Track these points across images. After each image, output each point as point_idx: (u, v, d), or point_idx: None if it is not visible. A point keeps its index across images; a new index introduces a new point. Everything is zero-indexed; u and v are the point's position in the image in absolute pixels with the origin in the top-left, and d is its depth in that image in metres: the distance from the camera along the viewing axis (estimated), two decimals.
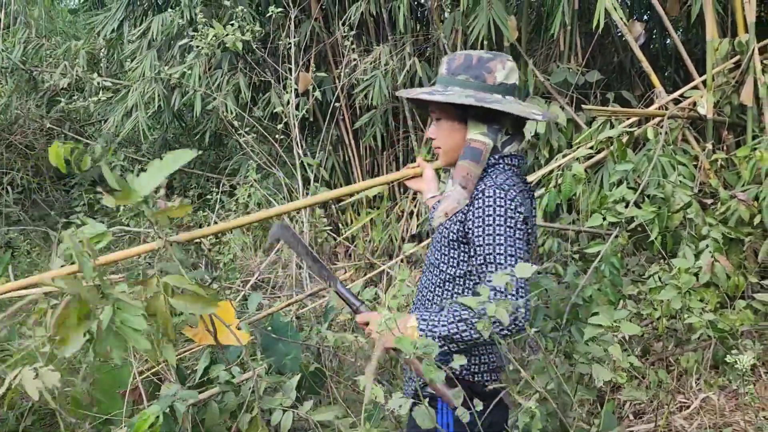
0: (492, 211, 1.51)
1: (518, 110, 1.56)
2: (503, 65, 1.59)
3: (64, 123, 6.52)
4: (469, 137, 1.59)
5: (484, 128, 1.58)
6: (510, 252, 1.49)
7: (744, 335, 2.50)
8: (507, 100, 1.58)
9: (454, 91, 1.58)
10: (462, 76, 1.59)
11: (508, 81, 1.60)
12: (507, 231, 1.50)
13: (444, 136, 1.65)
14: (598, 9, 3.16)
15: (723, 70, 3.12)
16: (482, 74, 1.58)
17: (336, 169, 5.16)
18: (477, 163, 1.57)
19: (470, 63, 1.59)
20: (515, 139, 1.65)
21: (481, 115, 1.58)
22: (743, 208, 2.67)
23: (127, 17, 5.25)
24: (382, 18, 4.60)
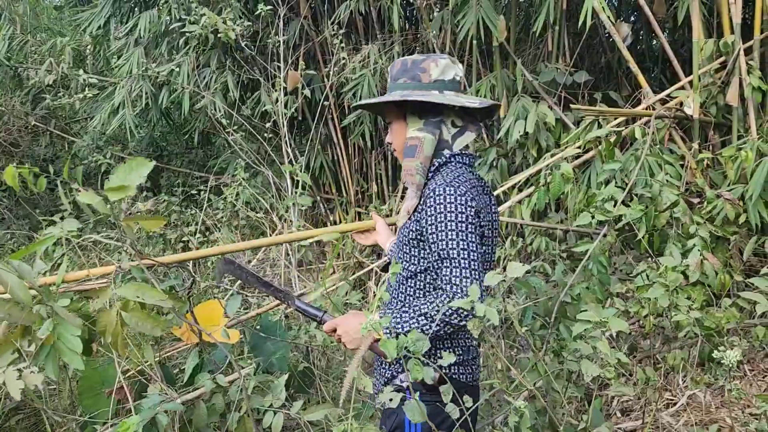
0: (443, 208, 1.57)
1: (445, 100, 1.62)
2: (436, 63, 1.67)
3: (50, 120, 6.46)
4: (408, 135, 1.69)
5: (420, 123, 1.67)
6: (462, 246, 1.54)
7: (730, 333, 2.53)
8: (444, 94, 1.66)
9: (393, 95, 1.68)
10: (401, 80, 1.69)
11: (446, 77, 1.68)
12: (458, 226, 1.56)
13: (394, 137, 1.75)
14: (584, 9, 3.18)
15: (709, 70, 3.15)
16: (417, 74, 1.68)
17: (324, 167, 5.15)
18: (412, 157, 1.66)
19: (406, 67, 1.70)
20: (466, 131, 1.72)
21: (416, 110, 1.68)
22: (729, 207, 2.70)
23: (113, 14, 5.20)
24: (371, 17, 4.59)
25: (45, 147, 6.70)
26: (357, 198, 5.18)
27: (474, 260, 1.53)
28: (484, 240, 1.65)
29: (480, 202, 1.62)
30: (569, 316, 2.19)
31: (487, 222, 1.67)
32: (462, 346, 1.71)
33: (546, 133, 3.73)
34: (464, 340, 1.71)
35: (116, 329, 1.46)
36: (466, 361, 1.72)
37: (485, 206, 1.66)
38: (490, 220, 1.69)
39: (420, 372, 1.40)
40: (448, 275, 1.53)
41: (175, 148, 7.00)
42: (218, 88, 4.59)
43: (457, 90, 1.70)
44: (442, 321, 1.51)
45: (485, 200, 1.69)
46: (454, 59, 1.71)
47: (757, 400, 2.34)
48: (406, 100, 1.67)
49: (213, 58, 4.66)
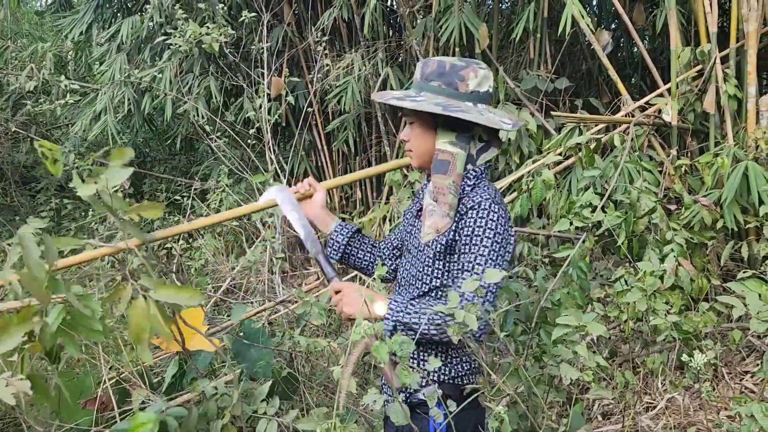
0: (484, 223, 1.53)
1: (485, 120, 1.56)
2: (476, 73, 1.59)
3: (30, 127, 6.39)
4: (438, 147, 1.60)
5: (452, 136, 1.59)
6: (490, 266, 1.50)
7: (707, 336, 2.57)
8: (478, 108, 1.59)
9: (425, 97, 1.59)
10: (435, 83, 1.60)
11: (481, 89, 1.60)
12: (494, 245, 1.52)
13: (416, 140, 1.66)
14: (564, 16, 3.23)
15: (686, 78, 3.21)
16: (454, 81, 1.58)
17: (309, 174, 5.16)
18: (444, 174, 1.58)
19: (443, 70, 1.59)
20: (491, 146, 1.66)
21: (450, 123, 1.59)
22: (706, 212, 2.74)
23: (95, 20, 5.18)
24: (354, 24, 4.62)
25: (25, 153, 6.63)
26: (341, 204, 5.19)
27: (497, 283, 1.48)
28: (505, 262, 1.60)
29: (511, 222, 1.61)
30: (550, 322, 2.22)
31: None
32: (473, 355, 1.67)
33: (528, 139, 3.77)
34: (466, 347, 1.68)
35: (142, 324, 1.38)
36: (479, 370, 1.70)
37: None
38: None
39: (408, 377, 1.39)
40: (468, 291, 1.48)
41: (158, 154, 6.96)
42: (201, 94, 4.58)
43: (488, 103, 1.64)
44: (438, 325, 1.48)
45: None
46: (490, 70, 1.64)
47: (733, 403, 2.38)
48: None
49: (196, 64, 4.66)
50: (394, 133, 4.74)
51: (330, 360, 3.19)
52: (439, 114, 1.58)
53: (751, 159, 2.78)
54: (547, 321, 2.25)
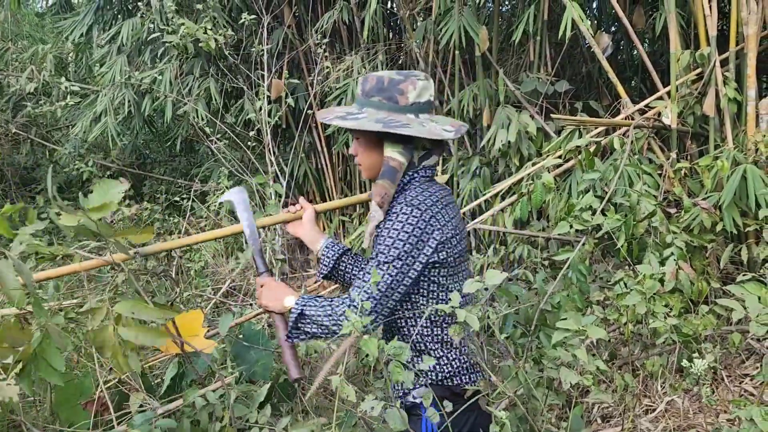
0: (400, 226, 1.58)
1: (426, 132, 1.60)
2: (414, 85, 1.64)
3: (30, 128, 6.39)
4: (387, 155, 1.65)
5: (399, 147, 1.64)
6: (385, 259, 1.57)
7: (707, 339, 2.57)
8: (420, 118, 1.63)
9: (367, 113, 1.64)
10: (375, 98, 1.64)
11: (421, 99, 1.65)
12: (389, 249, 1.57)
13: (362, 154, 1.71)
14: (564, 20, 3.23)
15: (686, 81, 3.21)
16: (394, 96, 1.63)
17: (309, 176, 5.16)
18: (392, 182, 1.64)
19: (382, 85, 1.64)
20: (434, 153, 1.71)
21: (396, 137, 1.63)
22: (705, 215, 2.74)
23: (96, 22, 5.18)
24: (354, 26, 4.62)
25: (26, 155, 6.63)
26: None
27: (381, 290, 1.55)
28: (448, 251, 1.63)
29: (445, 226, 1.62)
30: (549, 324, 2.22)
31: (452, 231, 1.65)
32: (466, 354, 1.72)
33: (528, 142, 3.77)
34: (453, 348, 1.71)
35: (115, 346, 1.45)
36: (474, 368, 1.73)
37: (450, 219, 1.66)
38: (455, 226, 1.68)
39: (401, 375, 1.42)
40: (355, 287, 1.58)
41: (158, 156, 6.96)
42: (201, 96, 4.58)
43: (430, 111, 1.69)
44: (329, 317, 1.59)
45: (450, 213, 1.67)
46: (428, 77, 1.69)
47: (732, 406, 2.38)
48: None
49: (196, 66, 4.66)
50: None
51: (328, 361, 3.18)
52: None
53: (751, 162, 2.78)
54: (546, 324, 2.25)
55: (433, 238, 1.59)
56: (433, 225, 1.59)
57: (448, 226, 1.63)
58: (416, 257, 1.58)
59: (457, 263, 1.67)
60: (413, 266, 1.58)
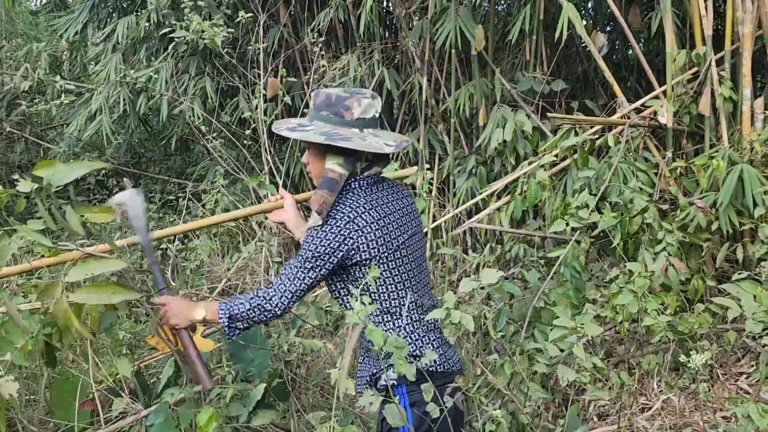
0: (320, 230, 1.73)
1: (365, 146, 1.73)
2: (359, 102, 1.77)
3: (25, 127, 6.36)
4: (327, 166, 1.77)
5: (340, 159, 1.76)
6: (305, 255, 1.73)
7: (702, 338, 2.58)
8: (363, 133, 1.76)
9: (315, 126, 1.77)
10: (324, 112, 1.78)
11: (366, 115, 1.77)
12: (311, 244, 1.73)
13: (312, 163, 1.84)
14: (561, 20, 3.24)
15: (682, 80, 3.22)
16: (340, 111, 1.76)
17: (304, 175, 5.14)
18: (332, 191, 1.75)
19: (330, 101, 1.77)
20: (375, 165, 1.83)
21: (337, 149, 1.75)
22: (701, 214, 2.75)
23: (91, 20, 5.15)
24: (350, 25, 4.61)
25: (20, 154, 6.60)
26: None
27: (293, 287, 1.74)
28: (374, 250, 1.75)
29: (372, 217, 1.75)
30: (543, 321, 2.22)
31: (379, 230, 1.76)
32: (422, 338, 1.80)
33: (524, 141, 3.78)
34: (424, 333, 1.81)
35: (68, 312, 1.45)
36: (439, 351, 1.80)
37: (378, 219, 1.77)
38: (387, 224, 1.79)
39: (403, 366, 1.43)
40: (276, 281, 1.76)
41: (153, 155, 6.93)
42: (197, 94, 4.56)
43: (376, 126, 1.81)
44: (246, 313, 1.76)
45: (380, 212, 1.79)
46: (375, 95, 1.81)
47: (728, 403, 2.39)
48: None
49: (192, 65, 4.64)
50: None
51: (326, 361, 3.18)
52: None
53: (746, 161, 2.80)
54: (540, 320, 2.25)
55: (347, 242, 1.72)
56: (350, 228, 1.73)
57: (372, 227, 1.75)
58: (326, 259, 1.73)
59: (395, 257, 1.79)
60: (323, 266, 1.74)
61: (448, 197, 4.19)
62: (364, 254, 1.75)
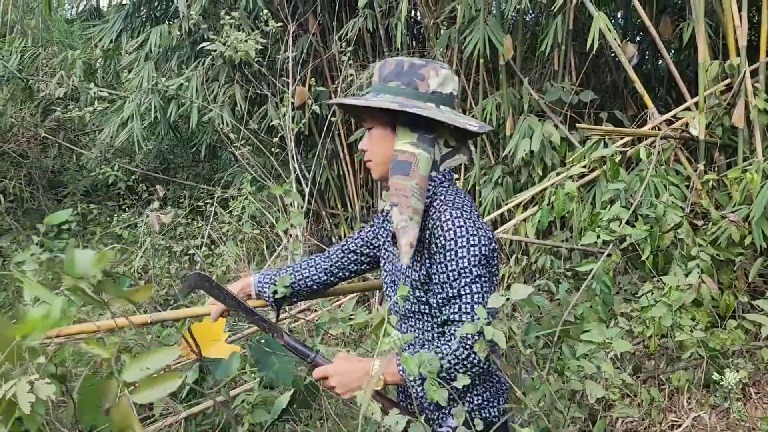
0: (454, 244, 1.40)
1: (446, 118, 1.43)
2: (437, 72, 1.48)
3: (59, 132, 6.52)
4: (396, 148, 1.46)
5: (413, 137, 1.45)
6: (476, 290, 1.39)
7: (735, 355, 2.52)
8: (441, 109, 1.47)
9: (382, 98, 1.47)
10: (393, 83, 1.48)
11: (444, 90, 1.48)
12: (471, 261, 1.39)
13: (375, 146, 1.54)
14: (592, 30, 3.21)
15: (715, 92, 3.17)
16: (414, 81, 1.47)
17: (330, 183, 5.18)
18: (406, 176, 1.43)
19: (401, 69, 1.48)
20: (458, 152, 1.54)
21: (410, 123, 1.46)
22: (734, 228, 2.70)
23: (125, 29, 5.27)
24: (378, 34, 4.64)
25: (53, 158, 6.76)
26: (362, 213, 5.19)
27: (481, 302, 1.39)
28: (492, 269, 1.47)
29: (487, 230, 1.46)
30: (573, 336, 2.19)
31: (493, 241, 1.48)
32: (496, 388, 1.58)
33: (551, 151, 3.75)
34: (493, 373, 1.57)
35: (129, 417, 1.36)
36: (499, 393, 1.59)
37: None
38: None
39: (436, 394, 1.32)
40: (457, 319, 1.40)
41: (182, 161, 7.04)
42: (226, 102, 4.63)
43: (452, 106, 1.51)
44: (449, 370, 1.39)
45: None
46: (453, 72, 1.52)
47: (762, 423, 2.33)
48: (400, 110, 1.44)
49: (222, 73, 4.71)
50: None
51: None
52: (397, 114, 1.46)
53: None
54: (569, 335, 2.22)
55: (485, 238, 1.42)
56: (479, 225, 1.43)
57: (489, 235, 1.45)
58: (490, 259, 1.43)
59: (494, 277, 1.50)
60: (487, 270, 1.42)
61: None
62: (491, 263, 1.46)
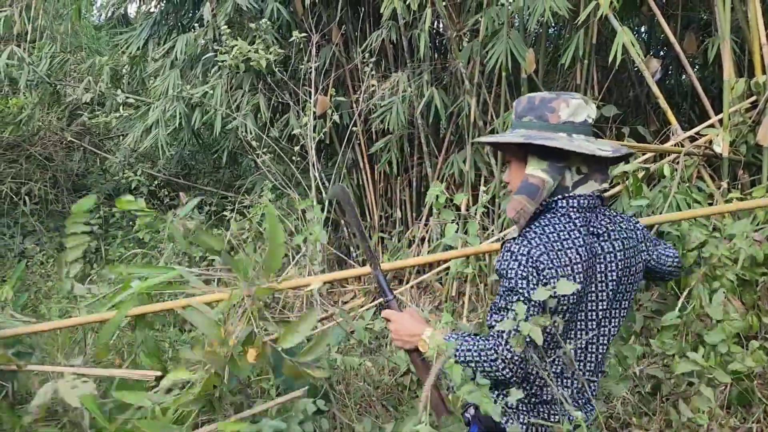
0: (507, 265, 1.49)
1: (573, 147, 1.49)
2: (567, 104, 1.56)
3: (84, 136, 6.63)
4: (527, 172, 1.56)
5: (544, 165, 1.54)
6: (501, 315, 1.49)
7: (757, 376, 2.48)
8: (573, 138, 1.54)
9: (515, 133, 1.59)
10: (526, 118, 1.59)
11: (576, 119, 1.56)
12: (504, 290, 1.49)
13: (513, 177, 1.65)
14: (615, 45, 3.21)
15: (739, 109, 3.14)
16: (545, 114, 1.56)
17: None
18: (532, 198, 1.53)
19: (533, 105, 1.59)
20: (590, 179, 1.57)
21: (539, 153, 1.55)
22: (757, 248, 2.66)
23: (152, 36, 5.36)
24: (401, 45, 4.67)
25: (78, 162, 6.88)
26: (381, 223, 5.21)
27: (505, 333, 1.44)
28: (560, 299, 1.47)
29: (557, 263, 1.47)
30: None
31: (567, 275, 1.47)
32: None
33: None
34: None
35: None
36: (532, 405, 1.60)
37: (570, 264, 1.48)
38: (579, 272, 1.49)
39: (489, 405, 1.37)
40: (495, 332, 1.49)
41: (203, 167, 7.13)
42: (249, 111, 4.68)
43: (588, 133, 1.57)
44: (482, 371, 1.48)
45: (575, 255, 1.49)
46: (588, 99, 1.58)
47: None
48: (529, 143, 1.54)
49: (246, 81, 4.77)
50: (436, 154, 4.76)
51: (364, 379, 3.19)
52: (530, 146, 1.56)
53: None
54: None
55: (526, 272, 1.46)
56: (532, 257, 1.47)
57: (559, 272, 1.46)
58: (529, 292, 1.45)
59: (573, 312, 1.51)
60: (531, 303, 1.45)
61: (493, 218, 4.17)
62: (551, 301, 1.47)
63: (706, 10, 4.24)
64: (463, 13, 4.34)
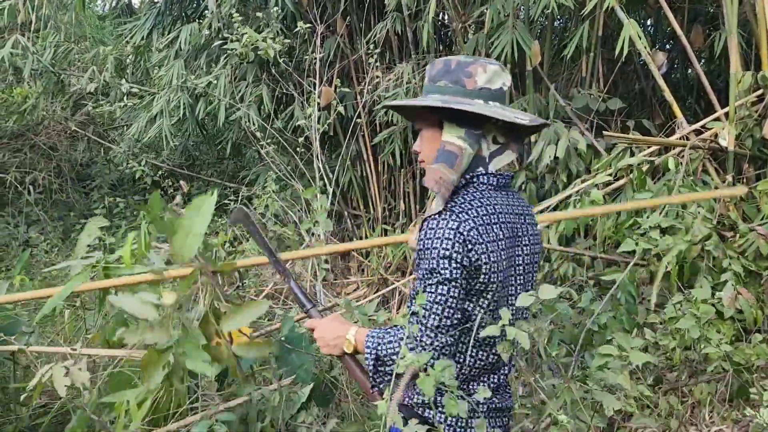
0: (429, 243, 1.38)
1: (493, 112, 1.40)
2: (484, 69, 1.46)
3: (88, 126, 6.64)
4: (444, 140, 1.45)
5: (461, 132, 1.44)
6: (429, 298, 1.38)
7: (760, 369, 2.48)
8: (490, 105, 1.45)
9: (430, 98, 1.47)
10: (441, 82, 1.47)
11: (492, 86, 1.46)
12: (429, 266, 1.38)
13: (426, 146, 1.52)
14: (621, 37, 3.19)
15: (745, 103, 3.13)
16: (461, 78, 1.46)
17: (353, 183, 5.20)
18: (451, 167, 1.42)
19: (449, 68, 1.47)
20: (507, 149, 1.50)
21: (456, 119, 1.45)
22: (762, 241, 2.66)
23: (156, 26, 5.35)
24: (406, 36, 4.66)
25: (82, 152, 6.89)
26: (384, 215, 5.21)
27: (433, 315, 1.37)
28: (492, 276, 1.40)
29: (487, 238, 1.39)
30: (594, 345, 2.18)
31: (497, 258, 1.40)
32: None
33: (577, 158, 3.73)
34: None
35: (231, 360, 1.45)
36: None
37: (500, 239, 1.42)
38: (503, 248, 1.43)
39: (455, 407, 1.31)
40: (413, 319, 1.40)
41: (207, 158, 7.13)
42: (253, 102, 4.68)
43: (503, 102, 1.49)
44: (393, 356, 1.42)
45: (506, 232, 1.44)
46: (504, 67, 1.50)
47: None
48: (445, 107, 1.44)
49: (249, 72, 4.77)
50: None
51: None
52: (443, 110, 1.45)
53: None
54: (592, 344, 2.22)
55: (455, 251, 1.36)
56: (459, 234, 1.37)
57: (489, 247, 1.39)
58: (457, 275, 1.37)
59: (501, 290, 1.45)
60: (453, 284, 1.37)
61: None
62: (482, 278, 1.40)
63: (713, 3, 4.22)
64: (468, 4, 4.32)
